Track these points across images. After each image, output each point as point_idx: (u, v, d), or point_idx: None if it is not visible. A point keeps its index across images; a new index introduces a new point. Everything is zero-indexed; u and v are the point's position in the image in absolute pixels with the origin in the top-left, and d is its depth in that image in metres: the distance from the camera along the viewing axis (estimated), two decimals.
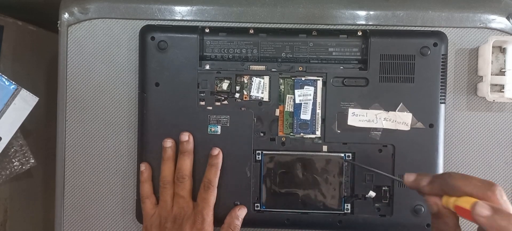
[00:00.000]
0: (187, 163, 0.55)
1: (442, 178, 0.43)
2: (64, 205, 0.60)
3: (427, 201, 0.44)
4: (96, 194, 0.60)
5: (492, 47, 0.55)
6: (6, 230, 0.68)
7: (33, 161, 0.64)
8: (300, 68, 0.56)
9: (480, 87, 0.58)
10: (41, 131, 0.72)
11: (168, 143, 0.55)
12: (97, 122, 0.60)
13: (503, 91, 0.57)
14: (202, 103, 0.57)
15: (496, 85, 0.57)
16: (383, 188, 0.57)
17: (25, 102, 0.60)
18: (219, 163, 0.55)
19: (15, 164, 0.63)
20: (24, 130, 0.62)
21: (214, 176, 0.55)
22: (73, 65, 0.60)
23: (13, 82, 0.60)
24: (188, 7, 0.59)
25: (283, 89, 0.57)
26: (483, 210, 0.39)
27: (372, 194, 0.56)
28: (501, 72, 0.57)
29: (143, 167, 0.56)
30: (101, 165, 0.60)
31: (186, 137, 0.55)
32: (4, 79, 0.60)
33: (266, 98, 0.57)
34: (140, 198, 0.57)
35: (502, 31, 0.59)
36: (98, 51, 0.60)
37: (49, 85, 0.75)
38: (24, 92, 0.60)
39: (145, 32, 0.57)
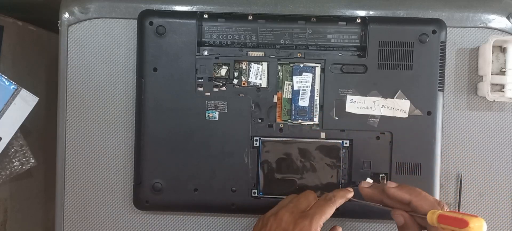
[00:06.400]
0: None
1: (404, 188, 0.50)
2: (64, 205, 0.60)
3: (393, 213, 0.50)
4: (96, 194, 0.60)
5: (493, 46, 0.55)
6: (6, 230, 0.68)
7: (33, 161, 0.64)
8: (299, 55, 0.56)
9: (480, 87, 0.58)
10: (41, 131, 0.72)
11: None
12: (97, 122, 0.60)
13: (503, 91, 0.57)
14: (200, 89, 0.57)
15: (496, 85, 0.57)
16: (381, 175, 0.57)
17: (25, 102, 0.60)
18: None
19: (15, 164, 0.63)
20: (24, 130, 0.62)
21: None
22: (73, 65, 0.60)
23: (13, 82, 0.60)
24: (189, 7, 0.59)
25: (281, 76, 0.57)
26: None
27: (369, 181, 0.57)
28: (502, 72, 0.57)
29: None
30: (101, 165, 0.60)
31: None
32: (4, 79, 0.60)
33: (264, 84, 0.57)
34: (137, 183, 0.57)
35: (502, 30, 0.59)
36: (98, 51, 0.60)
37: (49, 85, 0.75)
38: (24, 92, 0.60)
39: (143, 17, 0.57)
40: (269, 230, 0.50)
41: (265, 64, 0.57)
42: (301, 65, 0.56)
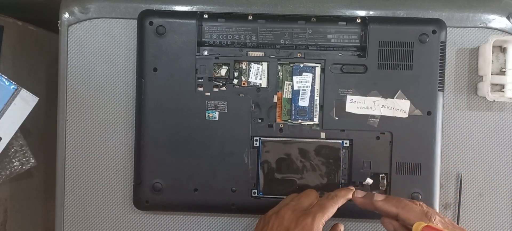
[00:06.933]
0: None
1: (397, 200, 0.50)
2: (64, 204, 0.60)
3: (382, 221, 0.51)
4: (96, 194, 0.60)
5: (493, 46, 0.55)
6: (6, 230, 0.68)
7: (33, 161, 0.64)
8: (299, 55, 0.56)
9: (480, 87, 0.58)
10: (41, 131, 0.72)
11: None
12: (97, 122, 0.60)
13: (503, 91, 0.57)
14: (200, 89, 0.57)
15: (496, 85, 0.57)
16: (381, 175, 0.57)
17: (25, 102, 0.60)
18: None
19: (15, 164, 0.63)
20: (24, 130, 0.62)
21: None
22: (73, 65, 0.60)
23: (13, 82, 0.60)
24: (189, 7, 0.59)
25: (281, 76, 0.57)
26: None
27: (369, 181, 0.57)
28: (502, 72, 0.57)
29: None
30: (101, 165, 0.60)
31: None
32: (4, 79, 0.60)
33: (264, 84, 0.57)
34: (137, 183, 0.57)
35: (502, 30, 0.59)
36: (98, 51, 0.60)
37: (49, 85, 0.75)
38: (24, 92, 0.60)
39: (143, 17, 0.57)
40: (271, 228, 0.50)
41: (265, 64, 0.57)
42: (301, 65, 0.57)
